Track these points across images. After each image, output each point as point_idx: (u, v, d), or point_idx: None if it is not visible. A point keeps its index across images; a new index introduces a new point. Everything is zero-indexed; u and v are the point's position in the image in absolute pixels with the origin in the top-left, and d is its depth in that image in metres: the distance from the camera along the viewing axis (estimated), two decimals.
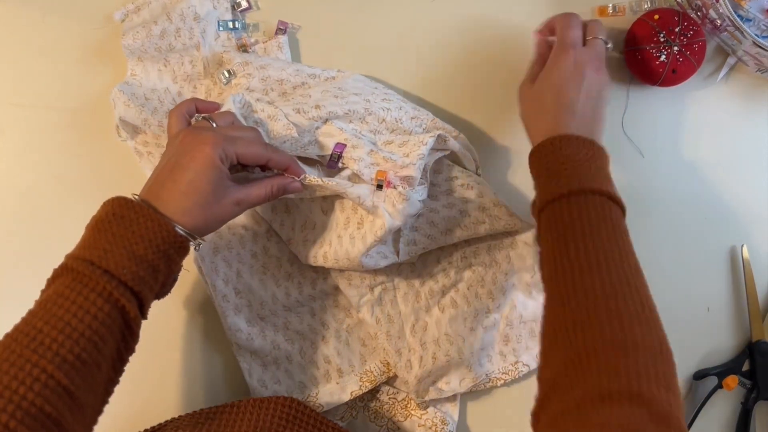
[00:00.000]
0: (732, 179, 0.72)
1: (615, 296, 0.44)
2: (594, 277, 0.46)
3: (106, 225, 0.48)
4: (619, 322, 0.43)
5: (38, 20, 0.70)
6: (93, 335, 0.45)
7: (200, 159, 0.50)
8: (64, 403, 0.42)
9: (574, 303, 0.45)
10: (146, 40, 0.66)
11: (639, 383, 0.39)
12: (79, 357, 0.43)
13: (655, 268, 0.71)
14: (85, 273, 0.45)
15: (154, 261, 0.48)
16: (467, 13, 0.72)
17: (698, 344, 0.71)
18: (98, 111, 0.69)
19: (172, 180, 0.50)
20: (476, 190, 0.65)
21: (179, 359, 0.68)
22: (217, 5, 0.69)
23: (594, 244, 0.47)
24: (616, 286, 0.45)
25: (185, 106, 0.56)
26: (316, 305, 0.67)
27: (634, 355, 0.41)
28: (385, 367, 0.67)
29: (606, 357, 0.41)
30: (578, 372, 0.41)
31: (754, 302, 0.70)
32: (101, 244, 0.47)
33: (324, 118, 0.62)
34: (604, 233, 0.48)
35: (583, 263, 0.46)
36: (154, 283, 0.49)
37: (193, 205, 0.50)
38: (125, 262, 0.46)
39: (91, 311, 0.45)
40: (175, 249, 0.49)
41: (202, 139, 0.50)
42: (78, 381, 0.43)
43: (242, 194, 0.53)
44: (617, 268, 0.46)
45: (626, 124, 0.72)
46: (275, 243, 0.67)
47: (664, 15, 0.67)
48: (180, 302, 0.68)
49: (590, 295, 0.45)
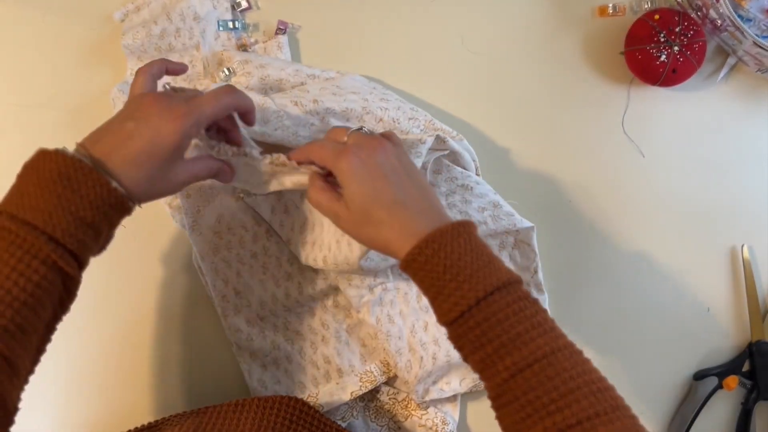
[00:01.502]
0: (732, 179, 0.72)
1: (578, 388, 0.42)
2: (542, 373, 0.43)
3: (50, 184, 0.44)
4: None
5: (38, 20, 0.70)
6: (33, 302, 0.43)
7: (164, 136, 0.48)
8: (3, 372, 0.42)
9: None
10: (146, 40, 0.66)
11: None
12: (18, 325, 0.42)
13: (655, 268, 0.71)
14: (26, 238, 0.43)
15: (98, 226, 0.46)
16: (467, 13, 0.72)
17: (698, 344, 0.71)
18: (98, 111, 0.69)
19: (129, 146, 0.47)
20: (476, 190, 0.65)
21: (179, 359, 0.68)
22: (217, 5, 0.69)
23: (528, 348, 0.44)
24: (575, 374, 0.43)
25: (155, 65, 0.54)
26: (316, 305, 0.67)
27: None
28: (385, 368, 0.67)
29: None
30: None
31: (754, 302, 0.70)
32: (45, 206, 0.44)
33: (321, 114, 0.61)
34: (532, 330, 0.45)
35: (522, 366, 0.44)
36: (95, 245, 0.48)
37: (143, 176, 0.48)
38: (71, 228, 0.44)
39: (33, 278, 0.43)
40: (118, 212, 0.48)
41: (172, 112, 0.48)
42: (17, 349, 0.42)
43: (188, 174, 0.51)
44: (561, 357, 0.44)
45: (626, 124, 0.72)
46: (275, 243, 0.67)
47: (665, 15, 0.67)
48: (180, 302, 0.68)
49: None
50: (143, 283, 0.68)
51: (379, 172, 0.50)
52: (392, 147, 0.52)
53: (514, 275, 0.46)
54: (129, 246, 0.67)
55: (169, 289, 0.68)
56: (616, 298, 0.71)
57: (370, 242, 0.51)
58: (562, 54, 0.72)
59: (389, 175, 0.50)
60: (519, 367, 0.43)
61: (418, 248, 0.47)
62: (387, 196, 0.49)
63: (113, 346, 0.67)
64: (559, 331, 0.45)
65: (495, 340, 0.44)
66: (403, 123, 0.65)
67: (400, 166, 0.51)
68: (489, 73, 0.72)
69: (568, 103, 0.72)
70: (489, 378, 0.45)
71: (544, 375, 0.42)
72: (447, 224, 0.48)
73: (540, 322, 0.44)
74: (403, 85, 0.71)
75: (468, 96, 0.71)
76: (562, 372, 0.42)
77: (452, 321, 0.45)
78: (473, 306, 0.45)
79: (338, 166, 0.50)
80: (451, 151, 0.64)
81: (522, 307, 0.45)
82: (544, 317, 0.45)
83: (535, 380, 0.42)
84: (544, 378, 0.42)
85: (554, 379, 0.42)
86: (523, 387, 0.43)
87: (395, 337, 0.65)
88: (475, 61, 0.72)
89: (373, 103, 0.64)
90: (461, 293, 0.45)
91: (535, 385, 0.42)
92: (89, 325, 0.67)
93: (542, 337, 0.44)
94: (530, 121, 0.72)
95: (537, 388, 0.42)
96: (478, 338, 0.44)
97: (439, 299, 0.46)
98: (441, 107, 0.71)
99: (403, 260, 0.48)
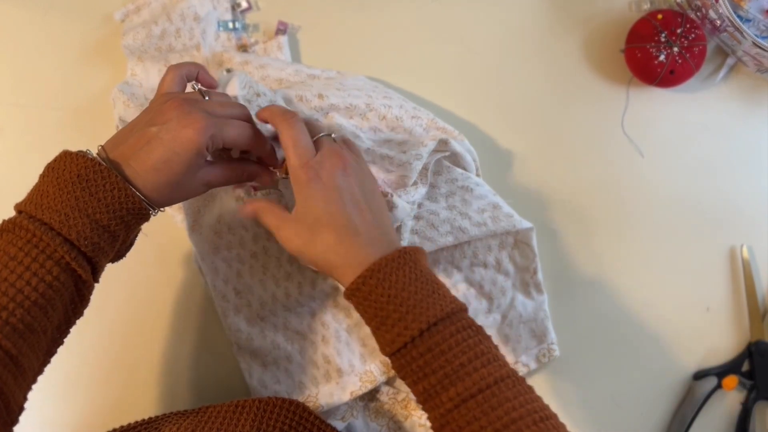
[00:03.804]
0: (732, 179, 0.72)
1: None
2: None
3: (68, 186, 0.45)
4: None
5: (38, 20, 0.70)
6: (44, 302, 0.43)
7: (183, 142, 0.47)
8: (7, 370, 0.41)
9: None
10: (146, 40, 0.66)
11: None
12: (28, 325, 0.42)
13: (655, 268, 0.71)
14: (42, 238, 0.43)
15: (115, 230, 0.46)
16: (467, 12, 0.72)
17: (698, 344, 0.71)
18: (98, 111, 0.69)
19: (148, 152, 0.47)
20: (476, 192, 0.65)
21: (179, 359, 0.68)
22: (217, 5, 0.69)
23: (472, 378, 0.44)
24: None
25: (187, 68, 0.53)
26: (316, 305, 0.67)
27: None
28: (385, 367, 0.67)
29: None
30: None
31: (753, 302, 0.70)
32: (62, 207, 0.44)
33: (326, 110, 0.61)
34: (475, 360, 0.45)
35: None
36: (111, 250, 0.47)
37: (163, 182, 0.47)
38: (87, 231, 0.44)
39: (46, 279, 0.43)
40: (136, 218, 0.47)
41: (192, 120, 0.47)
42: (24, 348, 0.42)
43: (212, 176, 0.51)
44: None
45: (626, 124, 0.72)
46: (275, 243, 0.67)
47: (668, 15, 0.67)
48: (180, 302, 0.68)
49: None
50: (143, 283, 0.68)
51: (336, 195, 0.49)
52: (355, 165, 0.52)
53: (459, 303, 0.46)
54: None
55: (169, 289, 0.68)
56: (616, 298, 0.71)
57: (312, 261, 0.51)
58: (562, 53, 0.72)
59: (346, 201, 0.50)
60: (462, 397, 0.43)
61: (362, 278, 0.47)
62: (339, 221, 0.49)
63: (113, 346, 0.67)
64: (502, 360, 0.45)
65: (439, 371, 0.44)
66: (406, 121, 0.65)
67: (358, 190, 0.51)
68: (489, 73, 0.72)
69: (567, 102, 0.72)
70: (432, 408, 0.45)
71: (488, 405, 0.43)
72: (393, 252, 0.47)
73: (483, 351, 0.44)
74: (403, 84, 0.71)
75: (467, 96, 0.72)
76: (505, 402, 0.43)
77: (395, 352, 0.46)
78: (416, 337, 0.45)
79: (299, 178, 0.50)
80: (452, 152, 0.65)
81: (465, 336, 0.45)
82: (488, 346, 0.45)
83: (479, 410, 0.42)
84: (488, 408, 0.42)
85: (497, 409, 0.42)
86: (467, 417, 0.43)
87: None
88: (475, 60, 0.72)
89: (376, 100, 0.64)
90: (404, 324, 0.45)
91: (479, 416, 0.42)
92: (89, 324, 0.67)
93: (485, 367, 0.44)
94: (530, 120, 0.72)
95: (481, 418, 0.42)
96: (421, 368, 0.45)
97: (381, 329, 0.46)
98: (440, 107, 0.71)
99: (346, 290, 0.48)
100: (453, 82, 0.72)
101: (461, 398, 0.43)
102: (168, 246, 0.68)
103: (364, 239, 0.49)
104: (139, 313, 0.68)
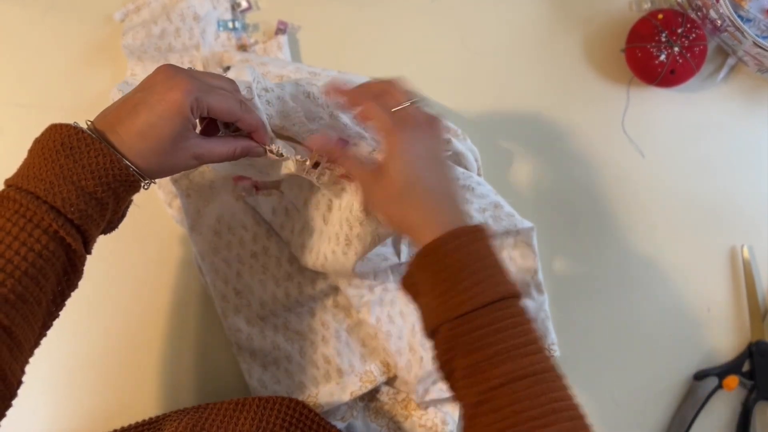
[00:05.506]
0: (732, 179, 0.72)
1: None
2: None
3: (53, 154, 0.45)
4: None
5: (38, 20, 0.70)
6: (35, 272, 0.43)
7: (168, 103, 0.46)
8: (2, 343, 0.41)
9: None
10: (146, 40, 0.66)
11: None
12: (19, 295, 0.42)
13: (656, 268, 0.71)
14: (29, 207, 0.43)
15: (102, 197, 0.46)
16: (467, 12, 0.72)
17: (698, 344, 0.71)
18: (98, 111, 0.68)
19: (134, 117, 0.46)
20: (477, 191, 0.65)
21: (179, 359, 0.68)
22: (217, 5, 0.69)
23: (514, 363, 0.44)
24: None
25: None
26: (316, 305, 0.67)
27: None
28: (385, 368, 0.67)
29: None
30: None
31: (754, 302, 0.70)
32: (47, 176, 0.44)
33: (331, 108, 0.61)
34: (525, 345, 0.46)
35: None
36: (101, 219, 0.47)
37: (149, 149, 0.47)
38: (72, 198, 0.44)
39: (35, 248, 0.43)
40: (125, 187, 0.47)
41: (176, 82, 0.47)
42: (18, 320, 0.42)
43: (203, 149, 0.50)
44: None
45: (626, 124, 0.72)
46: (275, 243, 0.67)
47: (668, 15, 0.67)
48: (180, 302, 0.68)
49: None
50: (143, 283, 0.68)
51: (425, 157, 0.51)
52: (440, 135, 0.53)
53: (519, 289, 0.47)
54: (129, 246, 0.67)
55: (169, 289, 0.68)
56: (616, 298, 0.71)
57: (395, 221, 0.51)
58: (562, 53, 0.72)
59: (432, 164, 0.51)
60: (512, 377, 0.43)
61: (443, 240, 0.47)
62: (425, 183, 0.50)
63: (113, 345, 0.67)
64: (547, 354, 0.46)
65: (495, 345, 0.44)
66: None
67: (441, 157, 0.52)
68: (489, 73, 0.72)
69: (567, 102, 0.72)
70: (475, 384, 0.45)
71: (532, 391, 0.43)
72: (474, 225, 0.49)
73: (535, 340, 0.45)
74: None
75: (467, 95, 0.71)
76: (548, 392, 0.43)
77: (459, 316, 0.45)
78: (483, 306, 0.45)
79: (391, 138, 0.51)
80: (453, 152, 0.65)
81: (523, 320, 0.46)
82: (537, 337, 0.46)
83: (525, 393, 0.43)
84: (532, 393, 0.43)
85: (540, 397, 0.43)
86: (512, 397, 0.43)
87: (395, 337, 0.65)
88: (475, 60, 0.72)
89: None
90: (476, 290, 0.45)
91: (523, 398, 0.43)
92: (90, 324, 0.67)
93: (536, 354, 0.44)
94: (530, 120, 0.72)
95: (524, 400, 0.43)
96: (479, 339, 0.45)
97: (450, 293, 0.46)
98: (441, 106, 0.71)
99: (425, 247, 0.48)
100: (453, 81, 0.72)
101: (511, 377, 0.43)
102: (168, 246, 0.68)
103: (447, 206, 0.50)
104: (140, 313, 0.68)
